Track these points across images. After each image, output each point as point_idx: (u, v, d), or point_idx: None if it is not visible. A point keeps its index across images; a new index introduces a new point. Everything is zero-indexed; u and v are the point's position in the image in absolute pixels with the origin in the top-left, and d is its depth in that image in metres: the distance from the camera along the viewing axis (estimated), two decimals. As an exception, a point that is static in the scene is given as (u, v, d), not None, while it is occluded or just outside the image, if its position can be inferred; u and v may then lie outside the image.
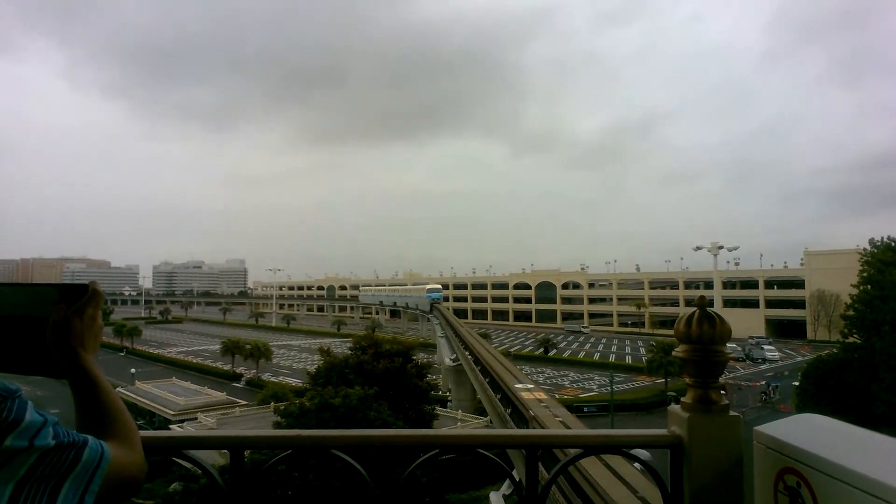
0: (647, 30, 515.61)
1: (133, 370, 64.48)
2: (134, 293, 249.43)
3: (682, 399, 2.10)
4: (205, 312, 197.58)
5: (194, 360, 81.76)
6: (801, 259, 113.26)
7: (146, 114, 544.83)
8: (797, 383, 52.74)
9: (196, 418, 42.46)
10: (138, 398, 51.40)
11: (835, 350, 41.29)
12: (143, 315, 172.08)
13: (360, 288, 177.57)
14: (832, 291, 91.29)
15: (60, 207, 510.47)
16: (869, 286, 39.17)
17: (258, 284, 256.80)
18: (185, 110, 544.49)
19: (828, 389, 36.32)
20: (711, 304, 2.20)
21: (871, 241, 41.31)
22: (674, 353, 2.13)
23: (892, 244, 39.65)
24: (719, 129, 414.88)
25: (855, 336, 39.26)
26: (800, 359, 74.75)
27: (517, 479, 2.03)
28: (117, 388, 53.59)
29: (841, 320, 43.45)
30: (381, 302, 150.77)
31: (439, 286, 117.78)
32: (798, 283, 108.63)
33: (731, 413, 2.05)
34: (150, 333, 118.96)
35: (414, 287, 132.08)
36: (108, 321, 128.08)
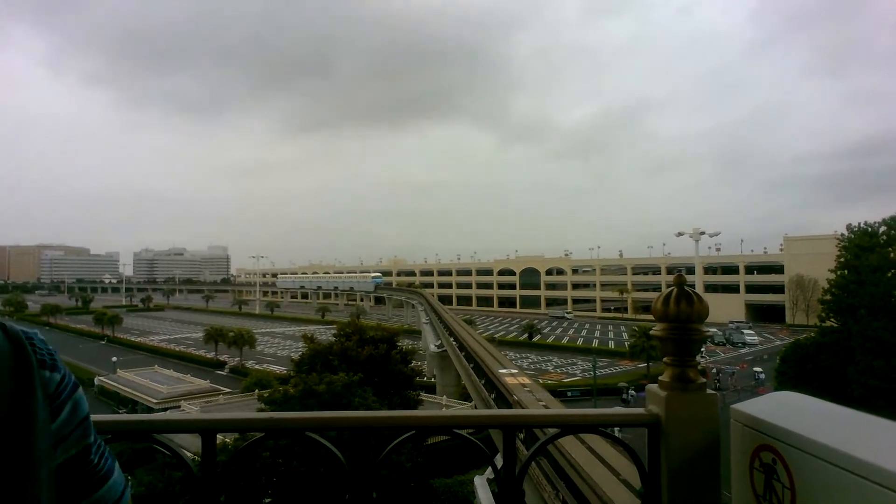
0: (636, 21, 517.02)
1: (115, 359, 63.73)
2: (114, 281, 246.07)
3: (660, 378, 2.09)
4: (187, 300, 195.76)
5: (177, 349, 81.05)
6: (781, 245, 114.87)
7: (130, 103, 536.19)
8: (758, 369, 53.98)
9: (179, 406, 42.16)
10: (120, 387, 50.93)
11: (812, 334, 41.96)
12: (123, 303, 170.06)
13: (278, 276, 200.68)
14: (810, 276, 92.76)
15: (38, 195, 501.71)
16: (846, 271, 39.78)
17: (241, 271, 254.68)
18: (171, 99, 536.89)
19: (805, 372, 36.98)
20: (693, 286, 2.18)
21: (849, 227, 41.86)
22: (651, 331, 2.11)
23: (869, 230, 40.23)
24: (706, 118, 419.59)
25: (832, 320, 39.93)
26: (778, 343, 76.13)
27: (498, 467, 2.01)
28: (99, 377, 52.43)
29: (819, 305, 44.15)
30: (303, 286, 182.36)
31: (379, 273, 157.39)
32: (777, 269, 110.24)
33: (708, 391, 2.04)
34: (131, 321, 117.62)
35: (347, 275, 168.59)
36: (89, 309, 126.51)
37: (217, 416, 1.94)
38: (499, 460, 2.19)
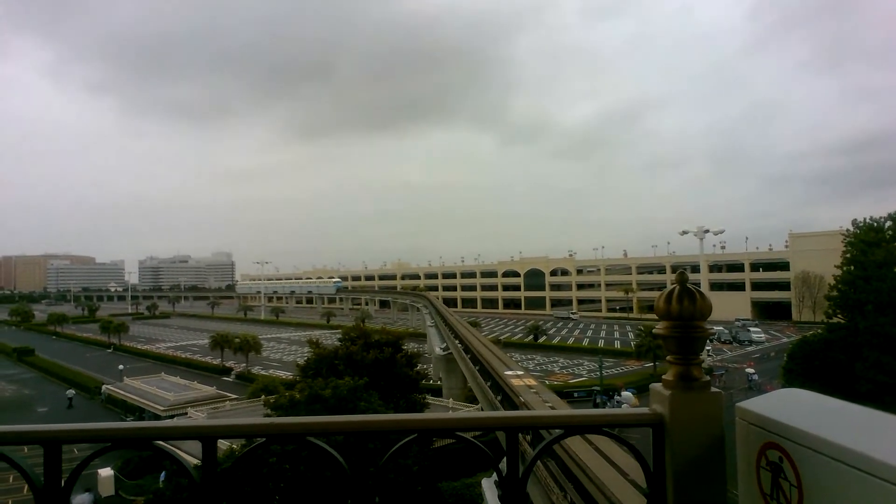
0: (636, 20, 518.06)
1: (121, 366, 64.00)
2: (120, 289, 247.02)
3: (664, 377, 2.07)
4: (192, 307, 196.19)
5: (183, 356, 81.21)
6: (786, 241, 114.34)
7: (133, 111, 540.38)
8: (751, 370, 53.62)
9: (186, 413, 42.24)
10: (127, 395, 51.04)
11: (819, 330, 41.77)
12: (129, 311, 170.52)
13: (238, 282, 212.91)
14: (816, 273, 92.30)
15: (44, 204, 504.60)
16: (852, 267, 39.58)
17: (246, 277, 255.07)
18: (173, 106, 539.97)
19: (813, 369, 36.79)
20: (698, 285, 2.17)
21: (854, 222, 41.69)
22: (654, 329, 2.09)
23: (875, 225, 40.03)
24: (706, 115, 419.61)
25: (839, 316, 39.71)
26: (785, 340, 75.76)
27: (503, 473, 1.98)
28: (106, 385, 52.80)
29: (825, 301, 43.91)
30: (259, 292, 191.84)
31: (339, 279, 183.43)
32: (783, 266, 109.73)
33: (713, 389, 2.02)
34: (137, 329, 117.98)
35: (312, 280, 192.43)
36: (95, 318, 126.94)
37: (217, 422, 1.93)
38: (504, 464, 2.17)
